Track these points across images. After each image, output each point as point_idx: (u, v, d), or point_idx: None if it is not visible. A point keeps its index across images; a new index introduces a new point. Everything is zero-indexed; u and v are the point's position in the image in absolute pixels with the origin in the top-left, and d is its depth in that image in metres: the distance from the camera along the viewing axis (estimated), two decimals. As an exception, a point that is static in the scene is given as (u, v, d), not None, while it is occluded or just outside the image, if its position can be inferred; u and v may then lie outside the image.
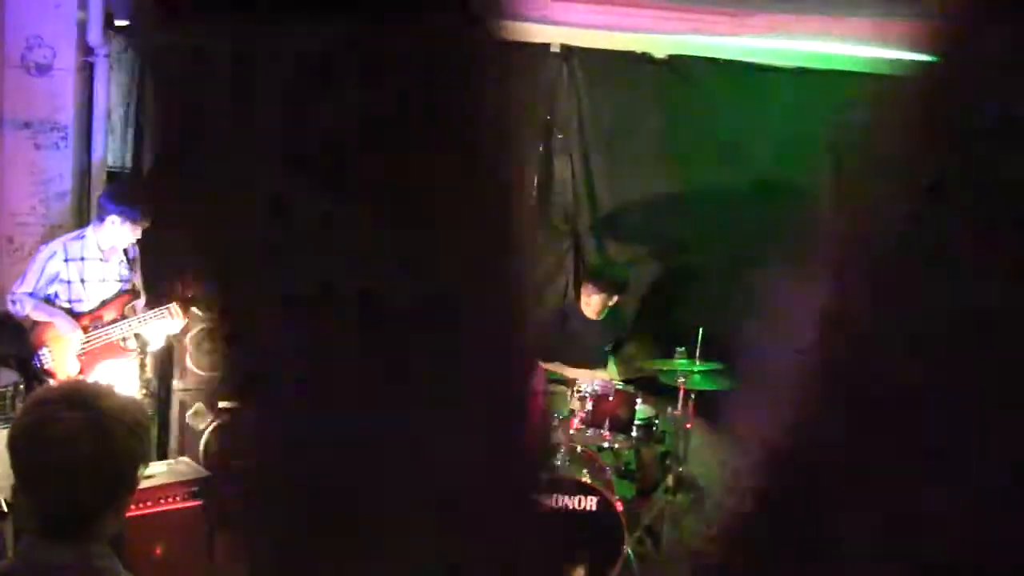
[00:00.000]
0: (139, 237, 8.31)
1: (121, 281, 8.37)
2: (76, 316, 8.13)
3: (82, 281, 8.19)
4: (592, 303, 9.73)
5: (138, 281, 8.51)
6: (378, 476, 1.19)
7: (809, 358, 1.38)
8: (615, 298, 9.80)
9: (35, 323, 8.11)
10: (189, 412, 9.22)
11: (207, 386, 9.26)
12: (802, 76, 10.79)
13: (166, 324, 8.40)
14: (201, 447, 9.24)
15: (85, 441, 3.07)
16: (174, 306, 8.40)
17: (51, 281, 8.14)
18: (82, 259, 8.19)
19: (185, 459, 8.34)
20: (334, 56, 1.08)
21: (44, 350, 8.08)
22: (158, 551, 7.32)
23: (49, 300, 8.16)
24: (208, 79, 1.06)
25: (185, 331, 8.94)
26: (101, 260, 8.23)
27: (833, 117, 10.90)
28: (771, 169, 10.91)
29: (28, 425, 3.18)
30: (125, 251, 8.39)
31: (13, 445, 3.17)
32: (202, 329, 9.18)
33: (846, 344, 1.39)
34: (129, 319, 8.29)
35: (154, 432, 9.32)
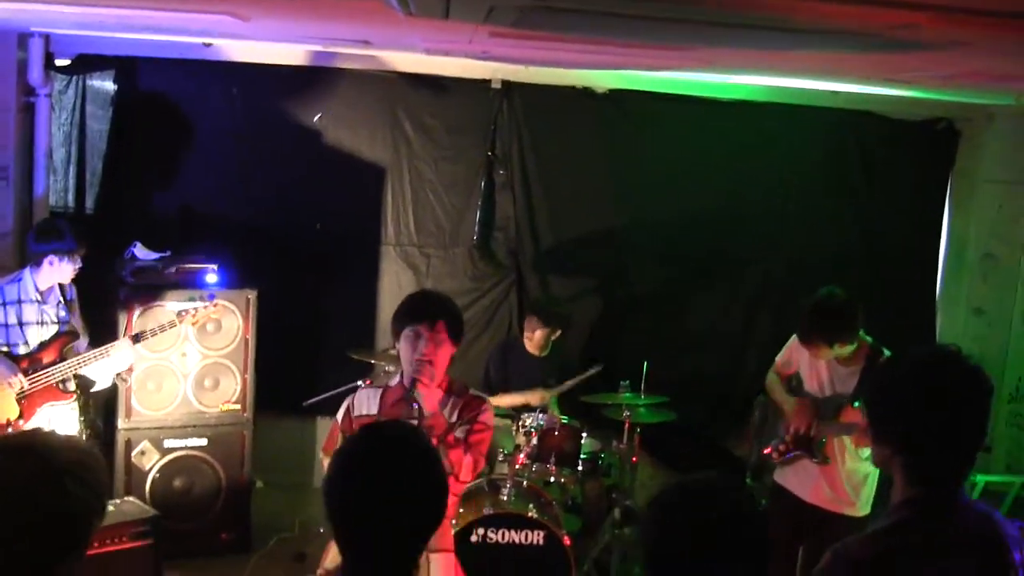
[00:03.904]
0: (78, 271, 8.26)
1: (59, 323, 8.27)
2: (15, 359, 8.06)
3: (20, 324, 8.11)
4: (535, 338, 9.77)
5: (77, 322, 8.45)
6: None
7: None
8: (558, 332, 9.84)
9: (-27, 369, 8.04)
10: (134, 451, 9.18)
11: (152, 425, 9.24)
12: (742, 109, 10.89)
13: (112, 362, 8.35)
14: (147, 486, 9.20)
15: (36, 493, 3.01)
16: (120, 342, 8.34)
17: (-12, 326, 8.08)
18: (19, 302, 8.11)
19: (131, 499, 8.29)
20: None
21: (-17, 395, 8.01)
22: (105, 592, 7.29)
23: (-15, 345, 8.10)
24: None
25: (130, 370, 8.91)
26: (39, 302, 8.16)
27: (773, 148, 11.06)
28: (712, 200, 11.01)
29: None
30: (63, 292, 8.33)
31: None
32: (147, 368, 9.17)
33: None
34: (69, 360, 8.22)
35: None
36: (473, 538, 8.15)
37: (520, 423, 8.97)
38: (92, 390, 8.73)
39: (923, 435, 3.58)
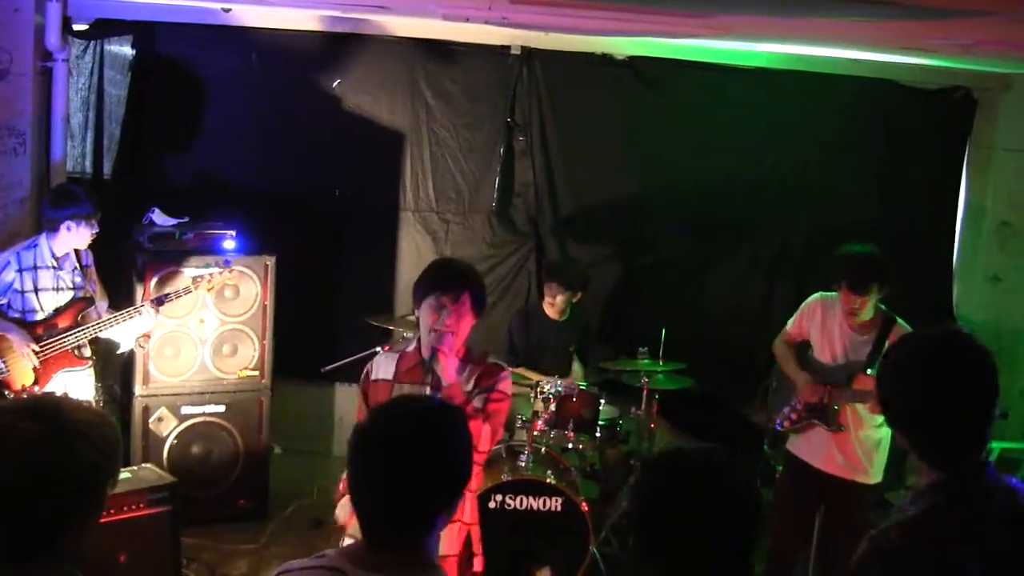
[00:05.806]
0: (96, 234, 8.24)
1: (75, 289, 8.26)
2: (30, 326, 8.05)
3: (36, 290, 8.09)
4: (556, 303, 9.73)
5: (92, 288, 8.44)
6: None
7: None
8: (578, 295, 9.81)
9: (-11, 335, 8.02)
10: (152, 418, 9.19)
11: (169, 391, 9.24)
12: (761, 76, 10.85)
13: (136, 324, 8.34)
14: (165, 453, 9.21)
15: (43, 454, 2.95)
16: (145, 306, 8.33)
17: (4, 291, 8.05)
18: (35, 268, 8.09)
19: (149, 465, 8.29)
20: None
21: (-1, 361, 7.99)
22: (122, 558, 7.29)
23: (0, 311, 8.08)
24: None
25: (148, 336, 8.91)
26: (54, 268, 8.14)
27: (792, 116, 10.99)
28: (731, 168, 10.97)
29: None
30: (79, 257, 8.33)
31: None
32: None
33: None
34: (86, 325, 8.20)
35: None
36: (491, 504, 8.16)
37: (539, 389, 8.95)
38: (117, 352, 8.75)
39: (927, 419, 3.57)
